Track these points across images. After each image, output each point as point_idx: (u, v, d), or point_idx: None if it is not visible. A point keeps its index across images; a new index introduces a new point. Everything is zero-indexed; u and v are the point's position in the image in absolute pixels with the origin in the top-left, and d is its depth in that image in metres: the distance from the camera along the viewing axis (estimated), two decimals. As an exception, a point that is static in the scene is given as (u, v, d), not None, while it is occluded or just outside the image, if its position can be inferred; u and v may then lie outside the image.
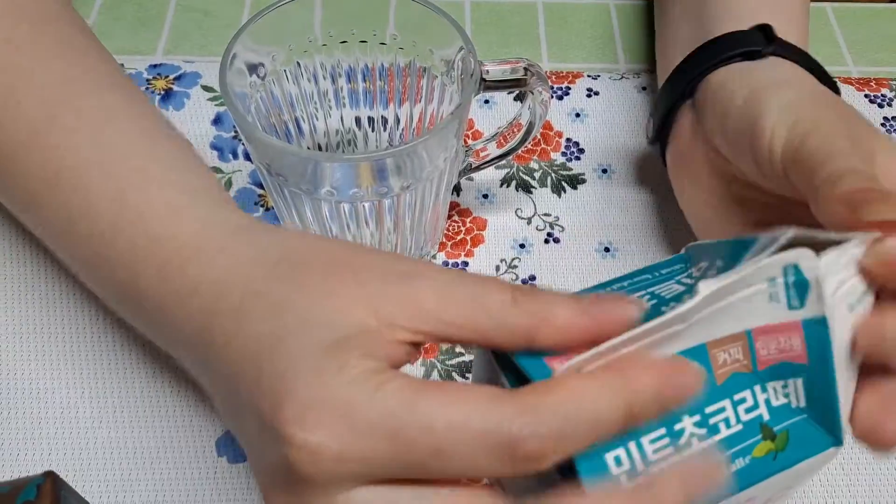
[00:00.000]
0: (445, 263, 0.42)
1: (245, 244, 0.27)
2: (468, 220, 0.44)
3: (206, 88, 0.48)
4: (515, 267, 0.42)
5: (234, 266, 0.26)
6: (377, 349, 0.23)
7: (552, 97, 0.49)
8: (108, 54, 0.36)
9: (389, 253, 0.31)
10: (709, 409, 0.24)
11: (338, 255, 0.26)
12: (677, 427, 0.23)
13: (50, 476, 0.26)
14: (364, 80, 0.40)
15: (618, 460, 0.22)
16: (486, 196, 0.45)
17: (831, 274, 0.22)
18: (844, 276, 0.23)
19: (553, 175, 0.46)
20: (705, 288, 0.22)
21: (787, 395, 0.25)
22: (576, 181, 0.46)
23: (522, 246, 0.43)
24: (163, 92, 0.48)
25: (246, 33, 0.34)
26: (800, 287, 0.22)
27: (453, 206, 0.44)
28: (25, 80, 0.32)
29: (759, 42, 0.36)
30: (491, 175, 0.46)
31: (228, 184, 0.45)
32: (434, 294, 0.23)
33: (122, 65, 0.49)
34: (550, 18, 0.55)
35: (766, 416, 0.24)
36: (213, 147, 0.46)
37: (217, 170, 0.45)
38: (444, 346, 0.40)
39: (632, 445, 0.23)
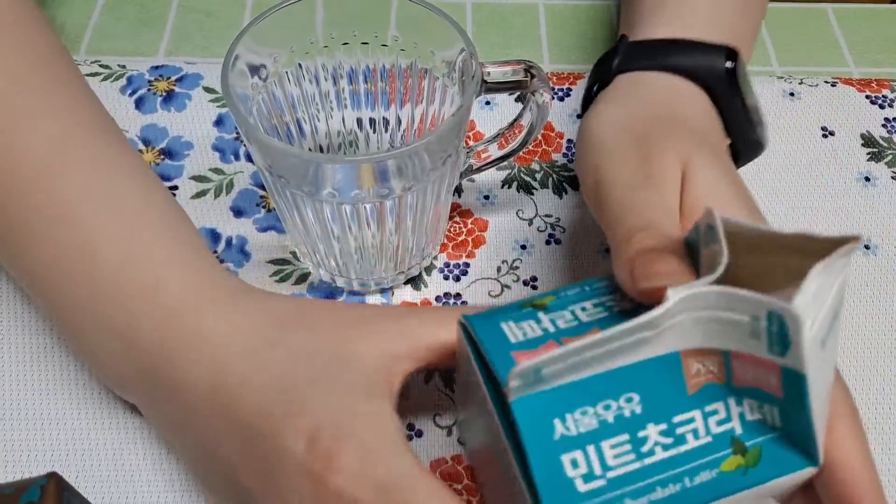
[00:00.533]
0: (447, 264, 0.42)
1: (251, 301, 0.31)
2: (469, 221, 0.44)
3: (208, 90, 0.48)
4: (517, 268, 0.42)
5: (244, 318, 0.30)
6: (395, 386, 0.28)
7: (553, 98, 0.49)
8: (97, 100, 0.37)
9: (368, 304, 0.33)
10: (677, 419, 0.23)
11: (332, 307, 0.31)
12: (641, 434, 0.23)
13: (53, 477, 0.26)
14: (365, 82, 0.40)
15: (574, 463, 0.22)
16: (487, 197, 0.45)
17: (807, 317, 0.21)
18: (815, 313, 0.22)
19: (554, 176, 0.46)
20: (674, 294, 0.22)
21: (762, 413, 0.24)
22: (577, 182, 0.46)
23: (524, 247, 0.43)
24: (164, 93, 0.48)
25: (248, 34, 0.34)
26: (782, 339, 0.22)
27: (454, 208, 0.44)
28: (27, 121, 0.33)
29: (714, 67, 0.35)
30: (492, 176, 0.46)
31: (230, 185, 0.45)
32: (422, 325, 0.29)
33: (125, 66, 0.49)
34: (552, 20, 0.55)
35: (739, 430, 0.24)
36: (215, 148, 0.46)
37: (218, 171, 0.45)
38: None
39: (590, 449, 0.22)
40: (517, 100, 0.49)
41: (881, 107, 0.49)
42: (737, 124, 0.36)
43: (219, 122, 0.47)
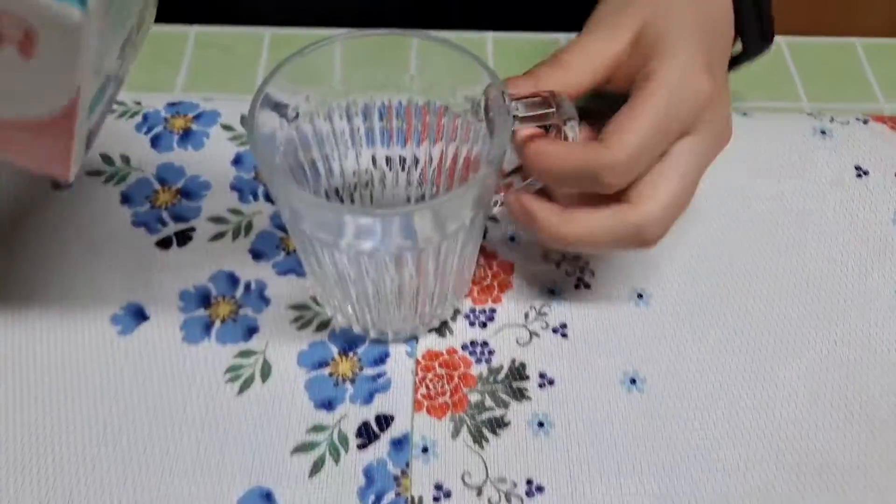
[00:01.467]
0: (472, 310, 0.41)
1: None
2: (494, 263, 0.43)
3: (226, 127, 0.47)
4: (545, 314, 0.41)
5: None
6: None
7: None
8: None
9: None
10: None
11: None
12: None
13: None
14: (381, 119, 0.39)
15: None
16: (512, 238, 0.44)
17: None
18: None
19: (582, 217, 0.45)
20: None
21: None
22: (605, 224, 0.44)
23: (552, 291, 0.42)
24: (181, 131, 0.47)
25: (281, 74, 0.33)
26: None
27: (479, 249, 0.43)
28: None
29: None
30: (518, 217, 0.44)
31: (249, 227, 0.44)
32: None
33: (140, 102, 0.48)
34: (575, 54, 0.53)
35: None
36: (234, 188, 0.45)
37: (237, 212, 0.44)
38: (474, 401, 0.38)
39: None
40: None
41: (916, 145, 0.48)
42: (745, 11, 0.40)
43: (237, 161, 0.46)
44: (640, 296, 0.42)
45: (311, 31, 0.54)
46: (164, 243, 0.43)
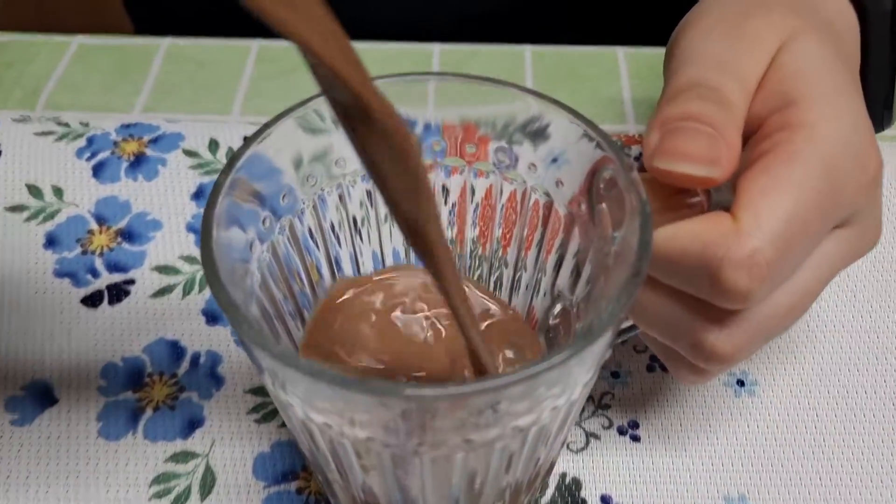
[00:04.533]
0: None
1: None
2: (535, 333, 0.31)
3: (190, 153, 0.37)
4: (608, 407, 0.29)
5: None
6: None
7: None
8: None
9: None
10: None
11: None
12: None
13: None
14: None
15: None
16: (559, 300, 0.32)
17: None
18: None
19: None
20: None
21: None
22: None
23: (616, 375, 0.30)
24: (132, 157, 0.37)
25: (249, 158, 0.21)
26: None
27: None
28: None
29: None
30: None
31: (204, 281, 0.33)
32: None
33: (87, 123, 0.38)
34: (634, 70, 0.43)
35: None
36: (190, 229, 0.34)
37: (191, 260, 0.33)
38: None
39: None
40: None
41: None
42: (873, 77, 0.28)
43: (199, 195, 0.36)
44: (740, 382, 0.30)
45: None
46: (92, 300, 0.32)
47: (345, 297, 0.27)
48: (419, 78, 0.23)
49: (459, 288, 0.19)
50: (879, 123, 0.31)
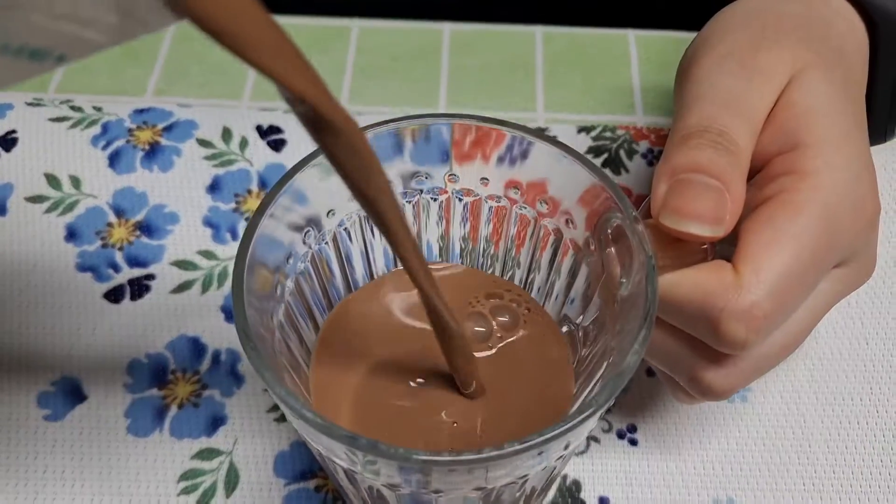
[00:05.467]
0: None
1: None
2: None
3: (203, 143, 0.37)
4: (608, 411, 0.31)
5: None
6: None
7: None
8: None
9: None
10: None
11: None
12: None
13: None
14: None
15: None
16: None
17: None
18: None
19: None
20: None
21: None
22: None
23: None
24: (147, 147, 0.37)
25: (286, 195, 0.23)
26: None
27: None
28: None
29: None
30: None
31: (223, 276, 0.34)
32: None
33: (101, 108, 0.38)
34: (645, 55, 0.43)
35: None
36: (207, 223, 0.35)
37: (209, 255, 0.34)
38: None
39: None
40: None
41: None
42: (879, 90, 0.29)
43: (214, 188, 0.36)
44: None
45: (328, 22, 0.44)
46: (115, 295, 0.33)
47: (355, 295, 0.28)
48: (429, 121, 0.24)
49: (415, 246, 0.21)
50: (882, 135, 0.32)
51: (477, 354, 0.26)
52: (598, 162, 0.37)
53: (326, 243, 0.25)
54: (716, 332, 0.21)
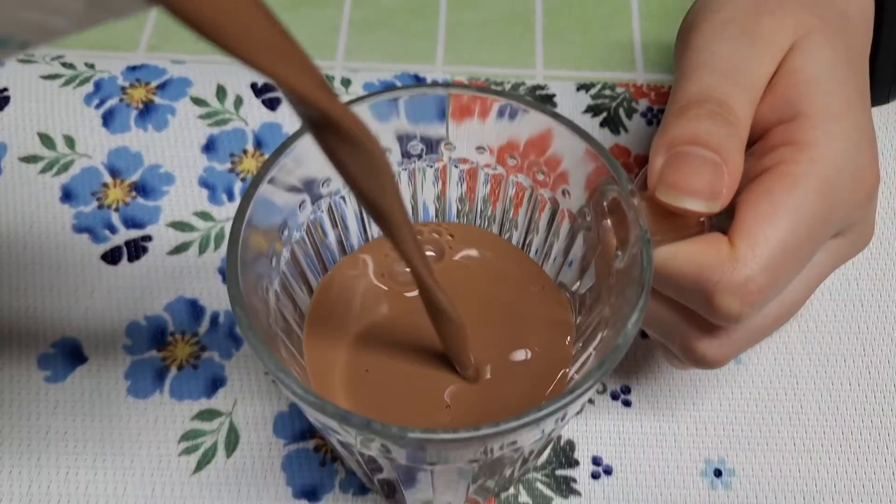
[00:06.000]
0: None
1: None
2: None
3: (197, 101, 0.37)
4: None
5: None
6: None
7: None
8: None
9: None
10: None
11: None
12: None
13: None
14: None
15: None
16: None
17: None
18: None
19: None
20: None
21: None
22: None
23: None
24: (141, 105, 0.37)
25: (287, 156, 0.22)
26: None
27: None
28: None
29: None
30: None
31: (220, 237, 0.34)
32: None
33: (93, 65, 0.38)
34: (647, 11, 0.42)
35: None
36: (203, 184, 0.35)
37: (206, 216, 0.34)
38: (503, 496, 0.29)
39: None
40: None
41: None
42: (883, 51, 0.28)
43: (209, 148, 0.36)
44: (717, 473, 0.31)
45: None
46: (112, 256, 0.33)
47: (348, 259, 0.28)
48: (426, 90, 0.23)
49: (422, 255, 0.21)
50: (885, 97, 0.31)
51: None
52: (597, 121, 0.37)
53: (323, 211, 0.25)
54: (710, 306, 0.22)
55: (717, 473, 0.29)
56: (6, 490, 0.29)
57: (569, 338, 0.25)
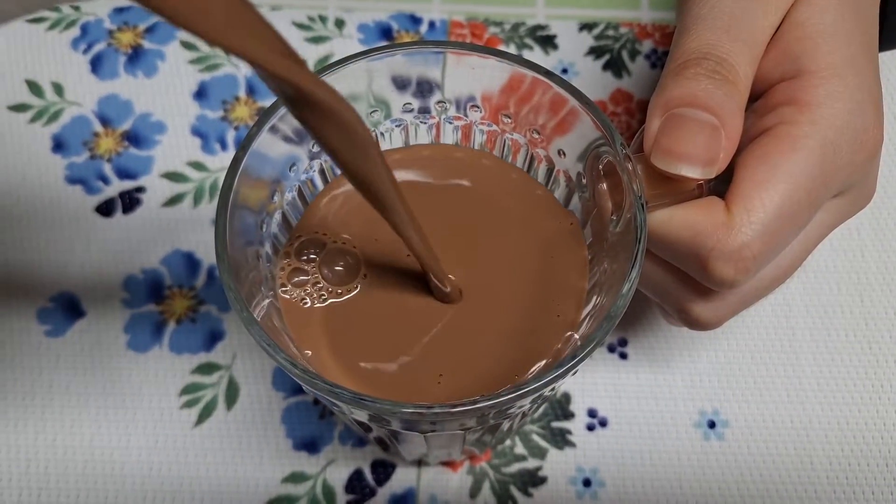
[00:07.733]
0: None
1: None
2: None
3: (187, 46, 0.36)
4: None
5: None
6: None
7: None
8: None
9: None
10: None
11: None
12: None
13: None
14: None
15: None
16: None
17: None
18: None
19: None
20: None
21: None
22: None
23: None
24: (130, 50, 0.36)
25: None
26: None
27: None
28: None
29: None
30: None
31: (214, 187, 0.33)
32: None
33: (79, 7, 0.37)
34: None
35: None
36: (195, 132, 0.34)
37: (199, 166, 0.34)
38: (500, 447, 0.29)
39: None
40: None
41: None
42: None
43: (200, 95, 0.35)
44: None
45: None
46: (106, 208, 0.33)
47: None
48: (420, 48, 0.23)
49: (417, 227, 0.20)
50: (894, 41, 0.30)
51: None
52: (599, 64, 0.36)
53: (314, 171, 0.25)
54: (704, 272, 0.21)
55: (711, 425, 0.29)
56: (13, 442, 0.29)
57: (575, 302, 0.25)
